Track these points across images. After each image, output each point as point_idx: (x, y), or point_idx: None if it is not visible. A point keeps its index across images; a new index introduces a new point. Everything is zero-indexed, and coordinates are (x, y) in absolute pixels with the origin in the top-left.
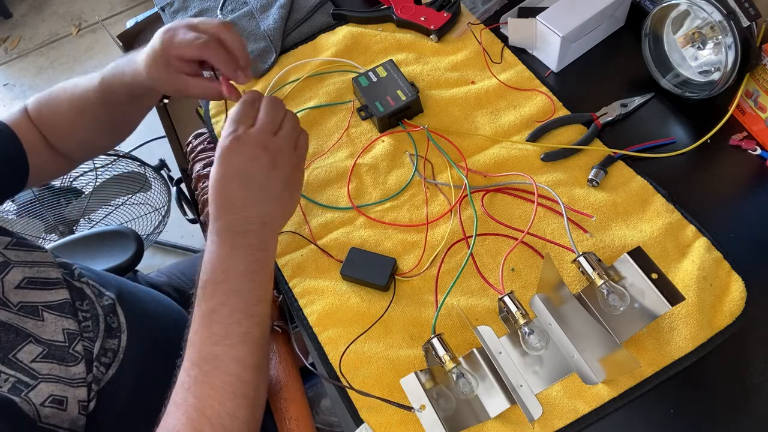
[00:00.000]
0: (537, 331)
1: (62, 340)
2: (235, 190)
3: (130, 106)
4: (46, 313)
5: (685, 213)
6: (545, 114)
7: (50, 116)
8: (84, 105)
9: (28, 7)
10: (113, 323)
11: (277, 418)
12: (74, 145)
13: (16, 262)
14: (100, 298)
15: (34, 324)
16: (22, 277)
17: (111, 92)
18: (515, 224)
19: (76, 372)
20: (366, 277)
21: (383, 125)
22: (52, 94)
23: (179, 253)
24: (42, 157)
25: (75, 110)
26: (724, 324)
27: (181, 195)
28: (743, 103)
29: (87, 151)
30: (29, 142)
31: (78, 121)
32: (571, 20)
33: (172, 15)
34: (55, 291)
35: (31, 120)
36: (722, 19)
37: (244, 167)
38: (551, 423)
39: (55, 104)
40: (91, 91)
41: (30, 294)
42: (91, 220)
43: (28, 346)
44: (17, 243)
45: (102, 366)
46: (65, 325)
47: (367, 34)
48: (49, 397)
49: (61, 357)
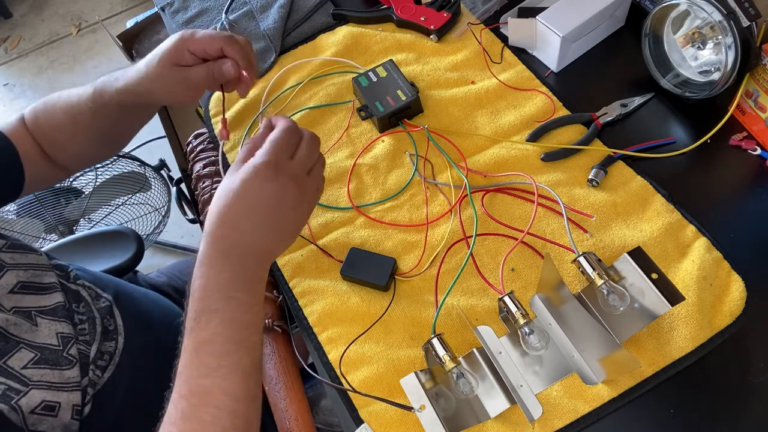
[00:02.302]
0: (537, 331)
1: (56, 344)
2: (250, 218)
3: (121, 115)
4: (39, 318)
5: (685, 213)
6: (545, 114)
7: (46, 125)
8: (77, 114)
9: (28, 7)
10: (110, 326)
11: (277, 418)
12: (69, 155)
13: (10, 265)
14: (97, 300)
15: (28, 329)
16: (17, 281)
17: (102, 100)
18: (515, 224)
19: (71, 376)
20: (366, 277)
21: (383, 125)
22: (48, 103)
23: (179, 253)
24: (38, 167)
25: (69, 119)
26: (724, 324)
27: (181, 195)
28: (743, 103)
29: (81, 161)
30: (25, 152)
31: (72, 131)
32: (571, 20)
33: (172, 15)
34: (49, 295)
35: (27, 129)
36: (722, 19)
37: (271, 198)
38: (551, 423)
39: (50, 113)
40: (84, 99)
41: (24, 299)
42: (91, 220)
43: (20, 352)
44: (12, 245)
45: (98, 369)
46: (59, 328)
47: (367, 34)
48: (41, 404)
49: (54, 361)
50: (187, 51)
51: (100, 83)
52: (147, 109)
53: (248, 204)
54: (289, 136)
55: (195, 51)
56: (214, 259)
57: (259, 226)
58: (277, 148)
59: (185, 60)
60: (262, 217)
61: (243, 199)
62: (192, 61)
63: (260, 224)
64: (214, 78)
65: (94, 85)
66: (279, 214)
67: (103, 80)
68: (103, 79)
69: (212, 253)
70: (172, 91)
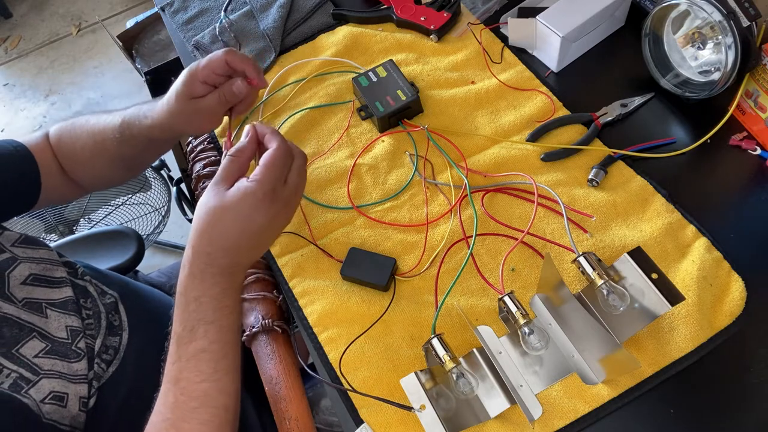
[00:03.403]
0: (537, 331)
1: (65, 337)
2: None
3: (146, 146)
4: (49, 310)
5: (685, 213)
6: (545, 114)
7: (70, 147)
8: (103, 141)
9: (28, 7)
10: (115, 321)
11: (277, 418)
12: (89, 177)
13: (23, 258)
14: (103, 296)
15: (39, 320)
16: (29, 273)
17: (130, 133)
18: (515, 224)
19: (78, 368)
20: (366, 277)
21: (383, 125)
22: (75, 125)
23: (179, 253)
24: (55, 182)
25: (94, 145)
26: (724, 324)
27: (181, 195)
28: (743, 103)
29: (100, 183)
30: (45, 166)
31: (95, 156)
32: (571, 20)
33: (172, 15)
34: (59, 289)
35: (50, 146)
36: (722, 19)
37: (265, 224)
38: (551, 423)
39: (76, 136)
40: (111, 129)
41: (35, 291)
42: (91, 220)
43: (32, 341)
44: (25, 240)
45: (103, 363)
46: (68, 322)
47: (367, 34)
48: (50, 394)
49: (63, 353)
50: (198, 82)
51: (129, 116)
52: (170, 141)
53: (241, 226)
54: (284, 160)
55: (205, 78)
56: (208, 275)
57: (253, 245)
58: (274, 174)
59: (198, 92)
60: (255, 237)
61: (235, 223)
62: (204, 91)
63: (254, 244)
64: (226, 101)
65: (123, 116)
66: (269, 234)
67: (132, 114)
68: (132, 112)
69: (205, 269)
70: (192, 122)
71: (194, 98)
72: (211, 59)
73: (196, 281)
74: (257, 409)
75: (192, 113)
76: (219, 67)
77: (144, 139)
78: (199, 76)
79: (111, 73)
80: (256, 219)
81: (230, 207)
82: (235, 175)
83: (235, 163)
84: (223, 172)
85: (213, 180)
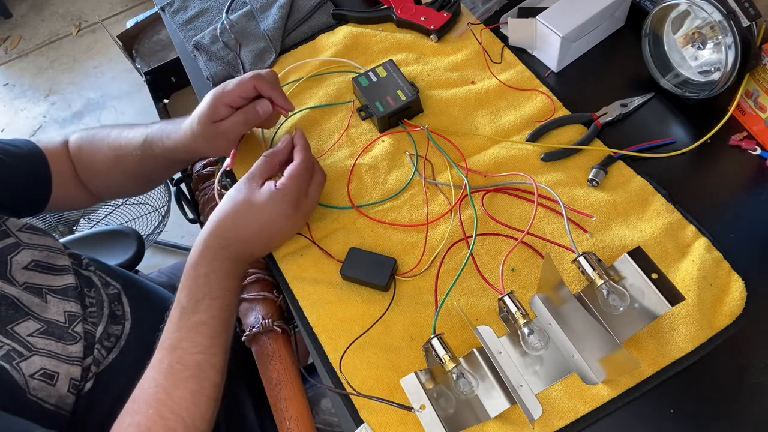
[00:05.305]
0: (537, 331)
1: (62, 321)
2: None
3: (166, 164)
4: (49, 296)
5: (685, 213)
6: (545, 114)
7: (89, 157)
8: (124, 156)
9: (28, 7)
10: (118, 311)
11: (277, 418)
12: (104, 188)
13: (27, 244)
14: (107, 287)
15: (38, 304)
16: (31, 259)
17: (151, 152)
18: (515, 224)
19: (73, 351)
20: (366, 277)
21: (383, 125)
22: (96, 136)
23: (179, 253)
24: (67, 189)
25: (114, 158)
26: (724, 324)
27: (181, 195)
28: (743, 103)
29: (115, 194)
30: (59, 172)
31: (114, 169)
32: (571, 20)
33: (172, 15)
34: (61, 276)
35: (68, 153)
36: (722, 19)
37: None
38: (551, 423)
39: (96, 147)
40: (133, 145)
41: (36, 276)
42: (91, 219)
43: (27, 322)
44: (30, 227)
45: (104, 349)
46: (67, 307)
47: (367, 34)
48: (39, 370)
49: (59, 335)
50: (222, 105)
51: (151, 135)
52: (190, 161)
53: (261, 225)
54: (306, 174)
55: (231, 102)
56: (220, 256)
57: (266, 242)
58: (297, 185)
59: (221, 115)
60: (271, 236)
61: (258, 220)
62: (227, 113)
63: (267, 241)
64: (250, 122)
65: (145, 134)
66: (281, 237)
67: (154, 133)
68: (155, 132)
69: (219, 250)
70: (214, 145)
71: (216, 122)
72: (239, 84)
73: (208, 258)
74: (257, 409)
75: (214, 136)
76: (246, 92)
77: (165, 159)
78: (224, 99)
79: (111, 73)
80: (276, 222)
81: (257, 205)
82: (266, 174)
83: (268, 164)
84: (257, 170)
85: (246, 175)
